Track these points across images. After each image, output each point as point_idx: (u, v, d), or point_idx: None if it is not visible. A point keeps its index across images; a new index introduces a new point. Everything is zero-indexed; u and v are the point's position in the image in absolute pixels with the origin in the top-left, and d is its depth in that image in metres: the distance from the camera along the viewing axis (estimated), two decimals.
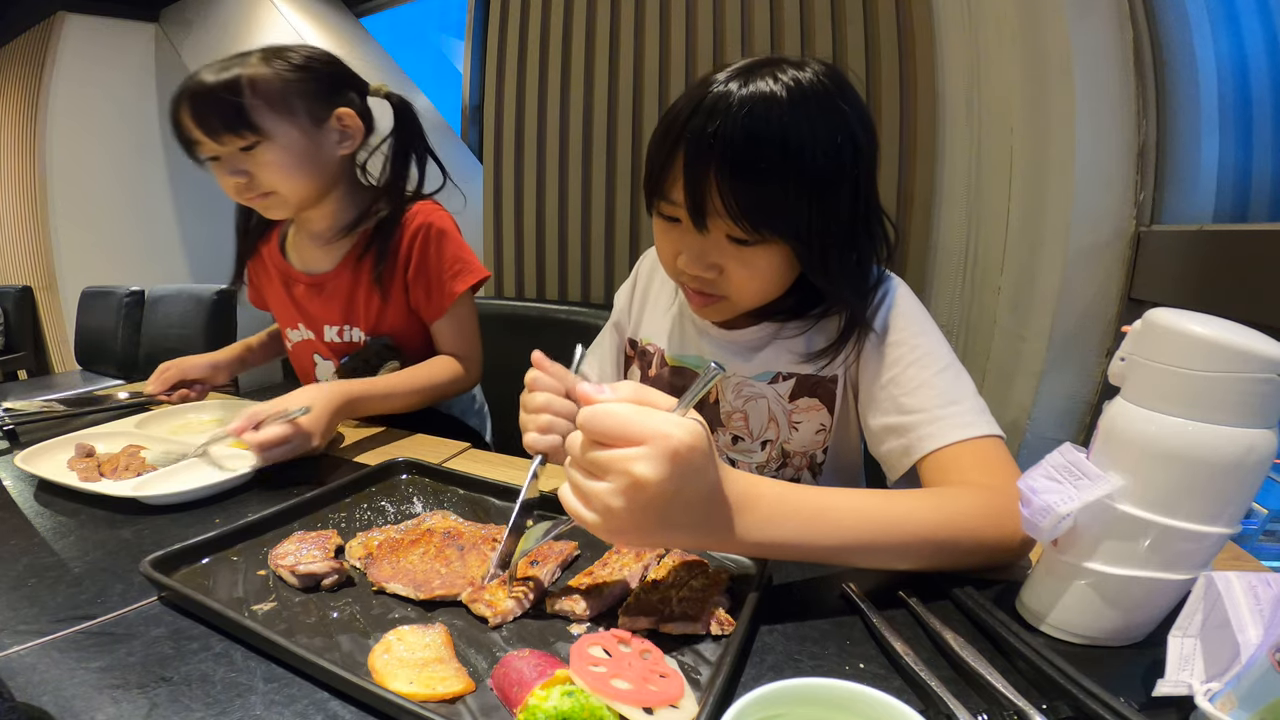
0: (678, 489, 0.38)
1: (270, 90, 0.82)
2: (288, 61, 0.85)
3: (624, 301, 0.86)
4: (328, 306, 0.95)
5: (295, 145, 0.85)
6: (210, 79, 0.80)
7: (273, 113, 0.82)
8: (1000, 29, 1.13)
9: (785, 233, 0.57)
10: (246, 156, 0.83)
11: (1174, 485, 0.38)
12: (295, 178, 0.86)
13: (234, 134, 0.81)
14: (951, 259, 1.26)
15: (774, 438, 0.73)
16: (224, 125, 0.80)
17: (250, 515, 0.58)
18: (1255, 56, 1.05)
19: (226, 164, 0.84)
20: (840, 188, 0.57)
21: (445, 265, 0.94)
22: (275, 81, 0.83)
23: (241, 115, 0.80)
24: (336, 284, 0.94)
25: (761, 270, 0.61)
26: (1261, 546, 0.84)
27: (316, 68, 0.88)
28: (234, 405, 0.96)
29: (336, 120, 0.89)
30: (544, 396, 0.60)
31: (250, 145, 0.82)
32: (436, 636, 0.42)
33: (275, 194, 0.86)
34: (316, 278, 0.95)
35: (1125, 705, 0.34)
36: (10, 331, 3.17)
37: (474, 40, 2.50)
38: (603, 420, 0.39)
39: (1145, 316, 0.40)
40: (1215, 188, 1.06)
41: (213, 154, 0.84)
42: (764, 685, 0.30)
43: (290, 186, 0.86)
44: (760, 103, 0.53)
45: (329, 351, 0.97)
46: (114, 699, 0.38)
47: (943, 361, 0.62)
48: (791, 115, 0.54)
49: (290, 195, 0.87)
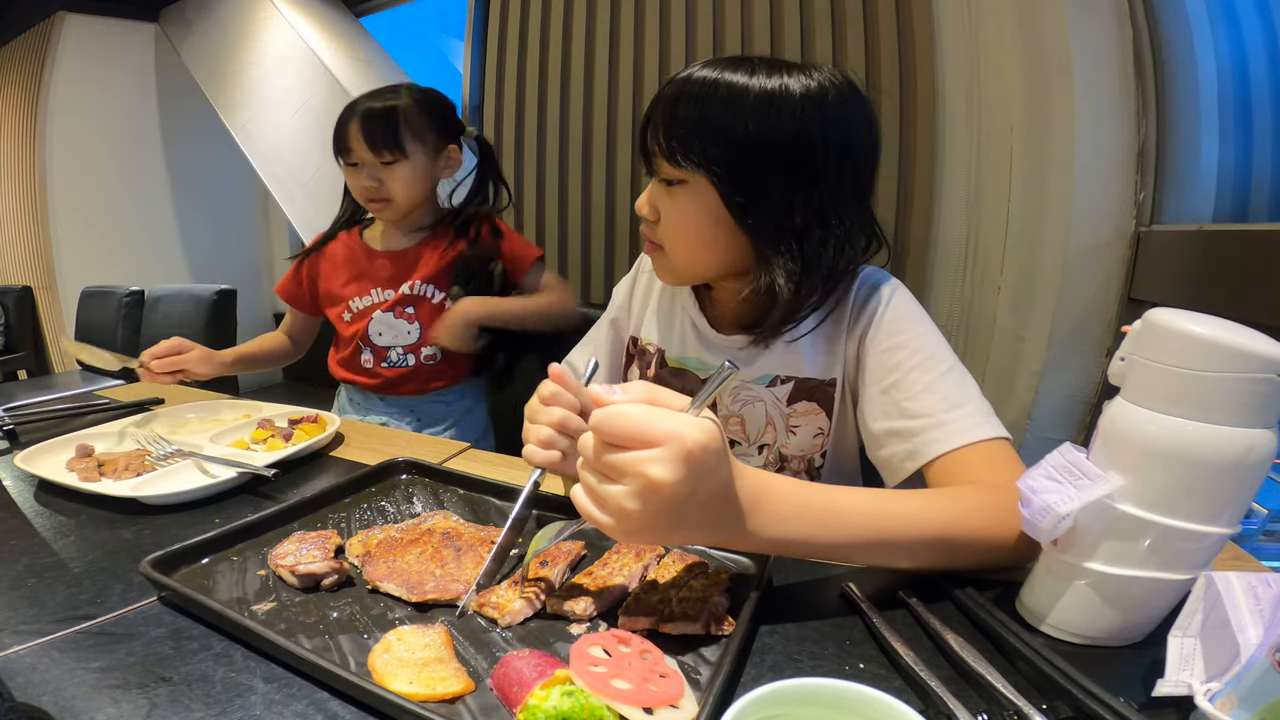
0: (692, 490, 0.38)
1: (416, 122, 1.06)
2: (428, 100, 1.09)
3: (623, 297, 0.86)
4: (406, 268, 1.15)
5: (421, 167, 1.08)
6: (378, 105, 1.04)
7: (414, 139, 1.06)
8: (1000, 29, 1.13)
9: (700, 163, 0.60)
10: (385, 169, 1.06)
11: (1174, 485, 0.38)
12: (414, 191, 1.09)
13: (388, 150, 1.04)
14: (951, 258, 1.26)
15: (771, 442, 0.72)
16: (383, 143, 1.04)
17: (250, 515, 0.58)
18: (1255, 56, 1.05)
19: (366, 170, 1.06)
20: (772, 150, 0.59)
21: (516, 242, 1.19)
22: (420, 116, 1.07)
23: (396, 137, 1.04)
24: (418, 253, 1.15)
25: (686, 213, 0.63)
26: (1261, 546, 0.84)
27: (443, 111, 1.12)
28: (236, 406, 0.96)
29: (447, 153, 1.13)
30: (560, 413, 0.59)
31: (392, 161, 1.05)
32: (436, 636, 0.42)
33: (393, 201, 1.08)
34: (400, 251, 1.16)
35: (1125, 705, 0.34)
36: (10, 331, 3.16)
37: (474, 40, 2.50)
38: (616, 422, 0.39)
39: (1145, 316, 0.40)
40: (1215, 188, 1.06)
41: (355, 161, 1.06)
42: (764, 685, 0.30)
43: (407, 197, 1.09)
44: (713, 66, 0.60)
45: (395, 302, 1.14)
46: (114, 699, 0.38)
47: (946, 364, 0.62)
48: (734, 75, 0.59)
49: (404, 204, 1.09)
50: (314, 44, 2.67)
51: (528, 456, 0.59)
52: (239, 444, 0.80)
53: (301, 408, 0.91)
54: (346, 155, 1.08)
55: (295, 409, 0.91)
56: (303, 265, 1.20)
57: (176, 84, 3.00)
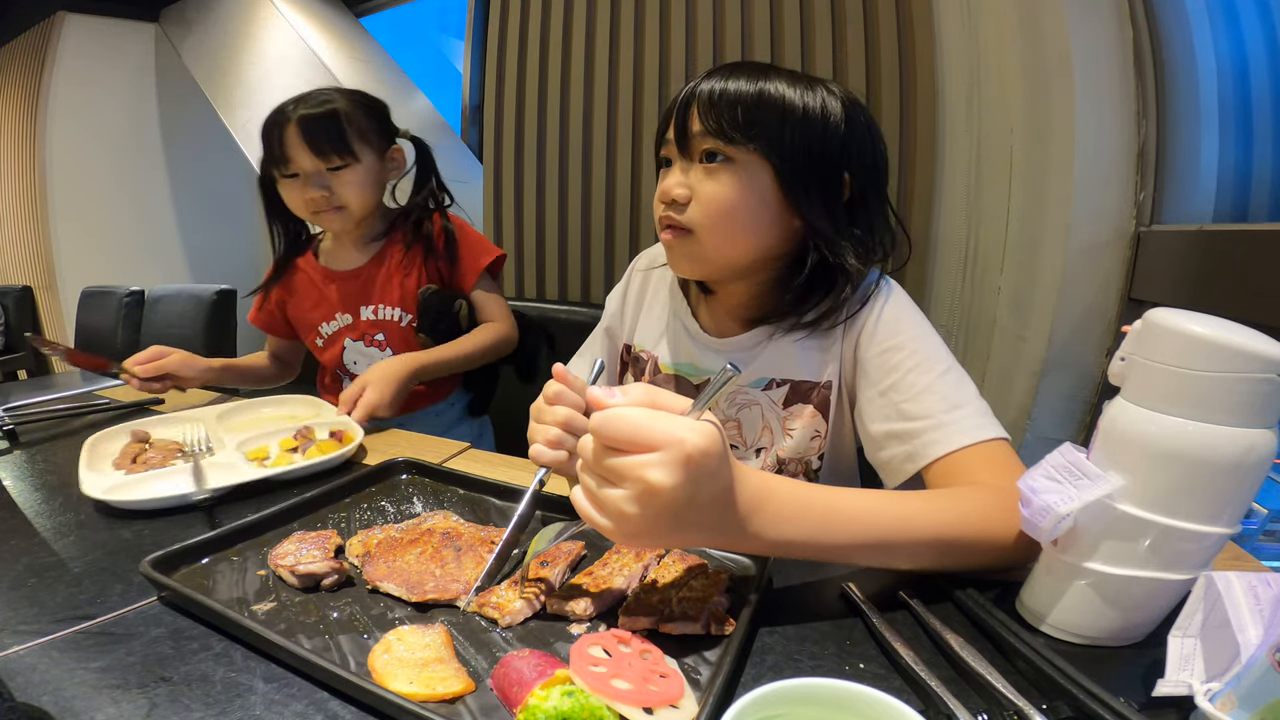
0: (692, 495, 0.38)
1: (361, 124, 1.02)
2: (366, 102, 1.05)
3: (615, 305, 0.86)
4: (365, 291, 1.11)
5: (371, 170, 1.04)
6: (316, 110, 0.98)
7: (362, 142, 1.02)
8: (1000, 29, 1.13)
9: (758, 136, 0.61)
10: (334, 175, 1.00)
11: (1174, 485, 0.38)
12: (367, 196, 1.05)
13: (337, 155, 0.99)
14: (951, 259, 1.26)
15: (768, 445, 0.72)
16: (331, 147, 0.98)
17: (250, 515, 0.58)
18: (1255, 56, 1.05)
19: (312, 180, 1.00)
20: (825, 130, 0.62)
21: (470, 245, 1.13)
22: (363, 118, 1.03)
23: (344, 140, 0.99)
24: (371, 272, 1.11)
25: (727, 187, 0.62)
26: (1261, 546, 0.84)
27: (380, 111, 1.08)
28: (315, 403, 0.96)
29: (391, 154, 1.09)
30: (565, 412, 0.59)
31: (340, 166, 1.00)
32: (436, 636, 0.42)
33: (346, 209, 1.03)
34: (354, 271, 1.12)
35: (1125, 705, 0.34)
36: (10, 331, 3.16)
37: (474, 40, 2.50)
38: (616, 425, 0.38)
39: (1145, 316, 0.40)
40: (1215, 188, 1.06)
41: (295, 171, 1.00)
42: (764, 685, 0.30)
43: (361, 203, 1.04)
44: (753, 62, 0.64)
45: (362, 330, 1.12)
46: (114, 699, 0.38)
47: (944, 365, 0.62)
48: (777, 71, 0.63)
49: (358, 210, 1.05)
50: (314, 44, 2.68)
51: (534, 456, 0.59)
52: (259, 451, 0.79)
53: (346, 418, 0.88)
54: (284, 167, 1.00)
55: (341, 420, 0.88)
56: (270, 292, 1.16)
57: (176, 84, 3.00)
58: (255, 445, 0.80)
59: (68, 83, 2.97)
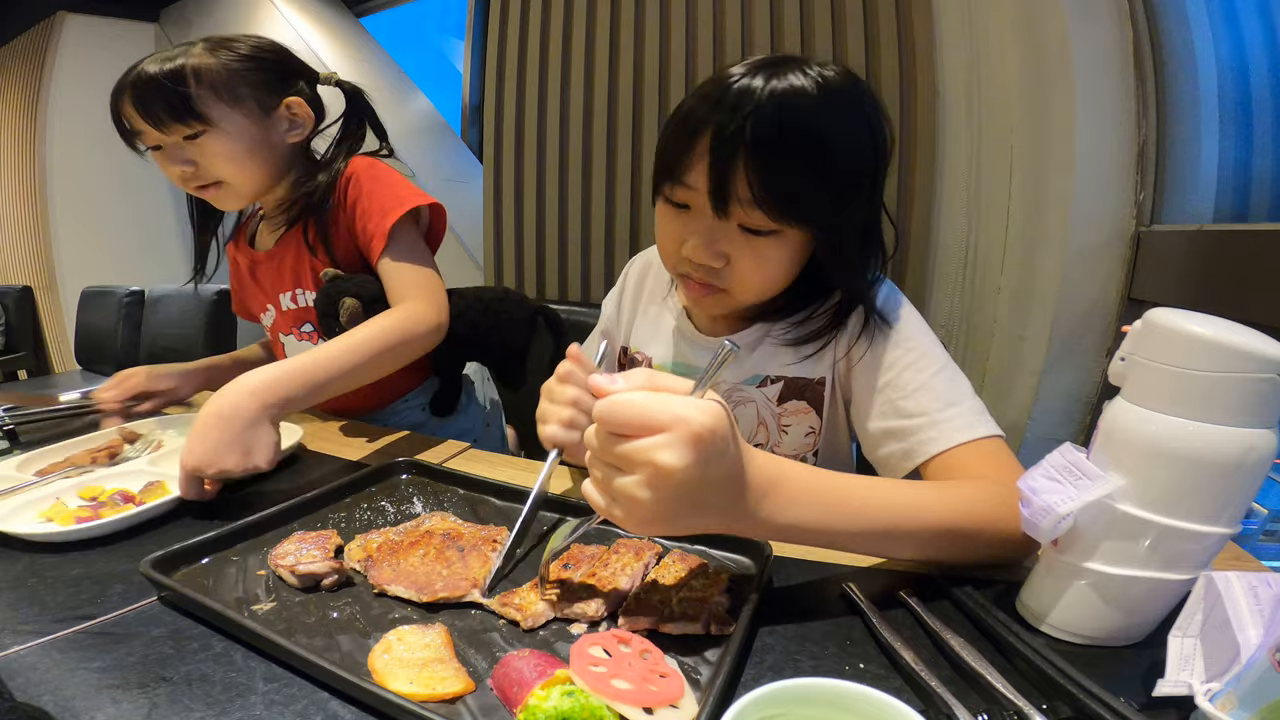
0: (703, 474, 0.38)
1: (216, 79, 0.82)
2: (234, 51, 0.85)
3: (611, 309, 0.86)
4: (279, 275, 0.96)
5: (243, 134, 0.85)
6: (154, 69, 0.80)
7: (219, 102, 0.82)
8: (1000, 29, 1.13)
9: (808, 221, 0.57)
10: (192, 145, 0.83)
11: (1174, 485, 0.38)
12: (244, 166, 0.86)
13: (179, 123, 0.81)
14: (951, 259, 1.26)
15: (764, 441, 0.72)
16: (169, 114, 0.80)
17: (250, 515, 0.58)
18: (1255, 56, 1.05)
19: (170, 154, 0.84)
20: (860, 184, 0.58)
21: (376, 200, 0.88)
22: (221, 71, 0.83)
23: (187, 104, 0.80)
24: (283, 252, 0.95)
25: (770, 262, 0.60)
26: (1261, 546, 0.84)
27: (264, 57, 0.88)
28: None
29: (286, 109, 0.89)
30: (574, 391, 0.58)
31: (195, 134, 0.82)
32: (436, 637, 0.42)
33: (224, 183, 0.86)
34: (269, 253, 0.97)
35: (1125, 705, 0.34)
36: (10, 331, 3.17)
37: (474, 40, 2.50)
38: (620, 410, 0.38)
39: (1145, 316, 0.40)
40: (1215, 188, 1.06)
41: (155, 144, 0.84)
42: (764, 685, 0.30)
43: (239, 175, 0.86)
44: (791, 95, 0.54)
45: (288, 322, 0.97)
46: (114, 699, 0.38)
47: (939, 363, 0.62)
48: (821, 109, 0.54)
49: (240, 185, 0.87)
50: (314, 44, 2.68)
51: (549, 437, 0.58)
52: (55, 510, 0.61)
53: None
54: (135, 140, 0.84)
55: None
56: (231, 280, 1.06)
57: None
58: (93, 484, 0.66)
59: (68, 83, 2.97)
